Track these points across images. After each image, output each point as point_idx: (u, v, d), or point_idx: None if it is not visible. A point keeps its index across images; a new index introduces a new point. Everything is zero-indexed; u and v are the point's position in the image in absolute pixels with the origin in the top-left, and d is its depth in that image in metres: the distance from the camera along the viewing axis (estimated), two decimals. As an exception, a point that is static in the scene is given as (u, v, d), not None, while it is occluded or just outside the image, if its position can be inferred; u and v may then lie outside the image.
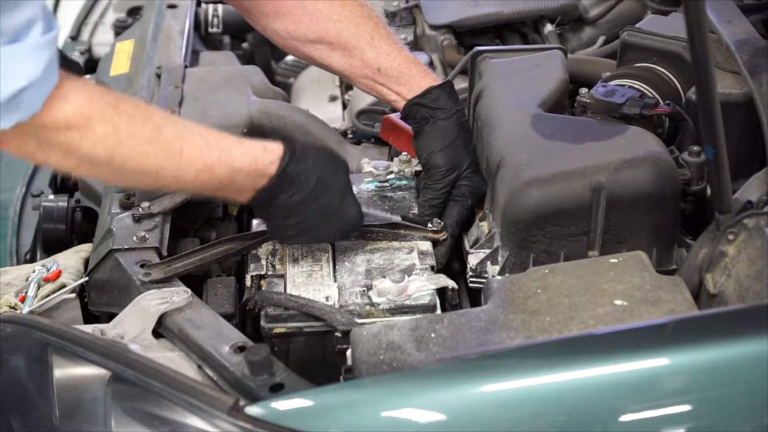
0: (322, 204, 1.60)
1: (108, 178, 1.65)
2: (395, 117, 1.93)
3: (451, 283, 1.63)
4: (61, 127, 1.39)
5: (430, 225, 1.73)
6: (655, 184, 1.60)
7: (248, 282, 1.68)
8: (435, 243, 1.73)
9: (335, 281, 1.64)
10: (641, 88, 1.86)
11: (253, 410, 1.29)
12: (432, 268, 1.67)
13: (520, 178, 1.62)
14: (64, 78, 1.39)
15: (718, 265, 1.49)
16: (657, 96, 1.85)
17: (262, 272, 1.67)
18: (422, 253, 1.70)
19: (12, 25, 1.31)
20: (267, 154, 1.56)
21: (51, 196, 2.06)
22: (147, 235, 1.70)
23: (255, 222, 1.79)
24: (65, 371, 1.42)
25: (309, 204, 1.58)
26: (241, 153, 1.54)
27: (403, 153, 1.91)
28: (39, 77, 1.33)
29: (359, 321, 1.56)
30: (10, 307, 1.64)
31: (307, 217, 1.59)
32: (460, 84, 2.09)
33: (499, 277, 1.58)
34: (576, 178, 1.60)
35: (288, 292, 1.62)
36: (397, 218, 1.74)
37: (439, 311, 1.59)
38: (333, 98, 2.42)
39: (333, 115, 2.33)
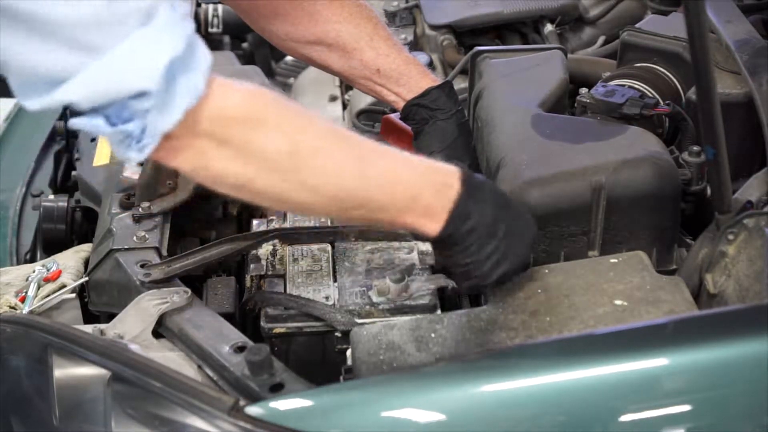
0: (511, 220, 1.45)
1: (283, 188, 1.32)
2: (395, 117, 1.93)
3: (451, 283, 1.63)
4: (233, 117, 1.26)
5: None
6: (655, 184, 1.59)
7: (248, 282, 1.68)
8: None
9: (335, 281, 1.64)
10: (641, 88, 1.86)
11: (253, 410, 1.29)
12: (432, 268, 1.67)
13: (520, 178, 1.62)
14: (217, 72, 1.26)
15: (718, 265, 1.49)
16: (657, 96, 1.85)
17: (262, 272, 1.67)
18: (422, 253, 1.70)
19: (138, 7, 1.17)
20: (445, 165, 1.43)
21: (51, 196, 2.06)
22: (147, 235, 1.70)
23: (255, 222, 1.79)
24: (65, 371, 1.42)
25: (499, 222, 1.43)
26: (421, 160, 1.42)
27: (403, 153, 1.91)
28: (184, 51, 1.20)
29: (359, 321, 1.56)
30: (10, 307, 1.64)
31: (501, 240, 1.43)
32: (460, 84, 2.09)
33: (499, 277, 1.58)
34: (576, 178, 1.60)
35: (288, 292, 1.62)
36: None
37: (439, 311, 1.59)
38: (333, 98, 2.42)
39: (333, 115, 2.33)
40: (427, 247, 1.72)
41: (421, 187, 1.38)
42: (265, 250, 1.71)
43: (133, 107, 1.20)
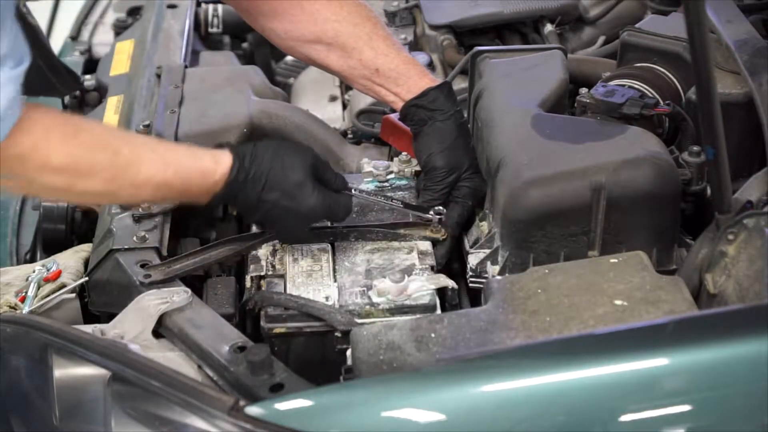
0: (275, 204, 1.61)
1: (69, 200, 1.83)
2: (395, 117, 1.93)
3: (451, 283, 1.63)
4: (18, 159, 1.43)
5: (431, 213, 1.73)
6: (655, 184, 1.60)
7: (248, 282, 1.68)
8: (435, 243, 1.73)
9: (335, 281, 1.64)
10: (641, 88, 1.86)
11: (253, 410, 1.29)
12: (432, 268, 1.67)
13: (520, 178, 1.62)
14: (29, 108, 1.42)
15: (718, 265, 1.49)
16: (657, 96, 1.85)
17: (262, 273, 1.67)
18: (422, 253, 1.70)
19: None
20: (217, 167, 1.59)
21: (51, 196, 2.06)
22: (147, 235, 1.70)
23: (255, 222, 1.79)
24: (65, 371, 1.42)
25: (264, 203, 1.61)
26: (193, 166, 1.58)
27: (403, 153, 1.91)
28: (2, 112, 1.36)
29: (359, 321, 1.56)
30: (10, 307, 1.65)
31: (269, 213, 1.62)
32: (460, 84, 2.09)
33: (499, 277, 1.58)
34: (576, 178, 1.60)
35: (288, 292, 1.62)
36: (403, 209, 1.76)
37: (439, 311, 1.59)
38: (333, 98, 2.41)
39: (333, 115, 2.33)
40: (427, 247, 1.72)
41: (188, 187, 1.58)
42: (265, 251, 1.71)
43: None
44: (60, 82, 1.94)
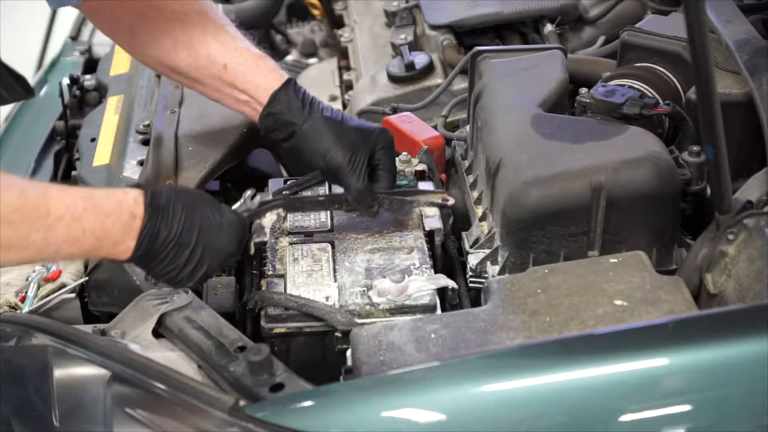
0: (203, 224, 1.53)
1: None
2: (395, 118, 1.93)
3: (451, 283, 1.63)
4: None
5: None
6: (655, 184, 1.60)
7: (248, 282, 1.68)
8: (441, 208, 1.76)
9: (335, 281, 1.64)
10: (641, 88, 1.86)
11: (253, 410, 1.29)
12: (432, 268, 1.67)
13: (520, 178, 1.62)
14: None
15: (718, 265, 1.49)
16: (657, 96, 1.85)
17: (265, 239, 1.67)
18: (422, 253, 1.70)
19: None
20: (128, 194, 1.50)
21: (51, 196, 2.06)
22: (147, 235, 1.70)
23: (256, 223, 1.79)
24: (65, 371, 1.42)
25: (190, 231, 1.52)
26: (104, 197, 1.48)
27: (403, 153, 1.91)
28: None
29: (359, 321, 1.56)
30: (10, 307, 1.65)
31: (196, 246, 1.52)
32: (460, 84, 2.09)
33: (499, 277, 1.58)
34: (576, 178, 1.60)
35: (288, 292, 1.62)
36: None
37: (439, 311, 1.59)
38: (333, 98, 2.42)
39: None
40: (426, 246, 1.72)
41: (107, 230, 1.46)
42: (269, 219, 1.71)
43: None
44: (5, 89, 1.85)
